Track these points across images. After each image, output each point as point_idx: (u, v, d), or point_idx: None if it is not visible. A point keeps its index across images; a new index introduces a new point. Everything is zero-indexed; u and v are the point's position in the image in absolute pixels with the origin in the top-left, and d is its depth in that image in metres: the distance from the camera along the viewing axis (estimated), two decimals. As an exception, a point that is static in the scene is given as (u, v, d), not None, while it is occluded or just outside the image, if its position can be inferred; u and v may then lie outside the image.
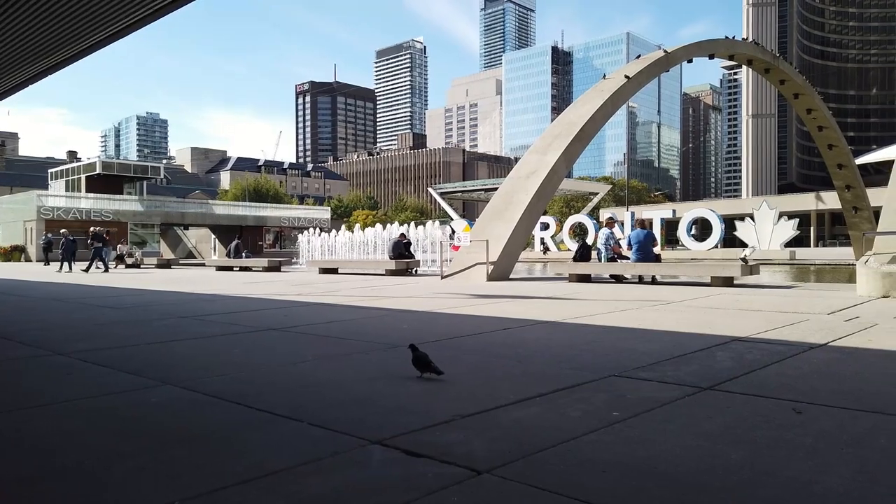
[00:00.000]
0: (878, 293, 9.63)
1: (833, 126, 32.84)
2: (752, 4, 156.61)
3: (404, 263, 19.03)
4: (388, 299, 10.75)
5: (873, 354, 5.05)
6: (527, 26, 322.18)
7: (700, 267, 14.95)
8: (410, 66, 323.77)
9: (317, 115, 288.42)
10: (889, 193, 11.75)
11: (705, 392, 3.84)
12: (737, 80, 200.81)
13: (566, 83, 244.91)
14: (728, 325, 6.87)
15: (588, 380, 4.21)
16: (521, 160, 18.80)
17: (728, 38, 25.86)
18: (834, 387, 3.94)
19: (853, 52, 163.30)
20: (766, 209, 48.34)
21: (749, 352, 5.19)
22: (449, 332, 6.54)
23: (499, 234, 16.10)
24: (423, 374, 4.32)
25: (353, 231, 29.99)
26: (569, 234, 51.59)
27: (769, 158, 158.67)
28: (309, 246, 31.06)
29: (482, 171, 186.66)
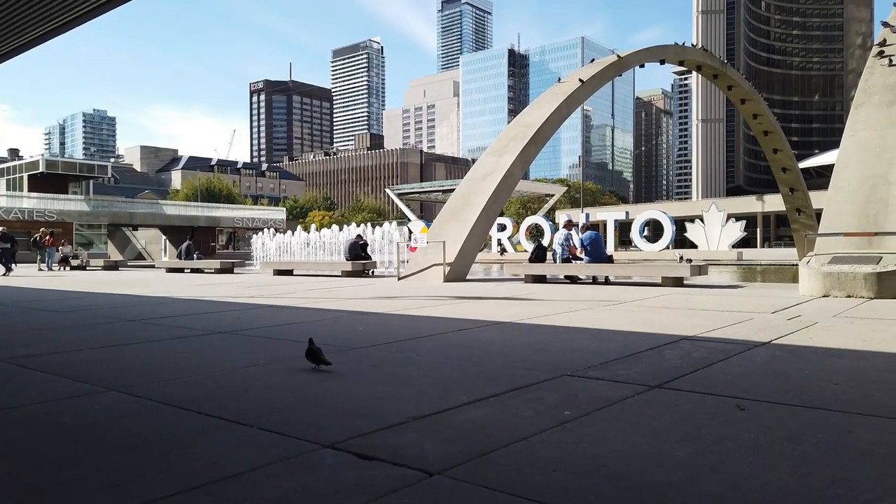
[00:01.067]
0: (819, 292, 10.01)
1: (778, 131, 34.01)
2: (701, 12, 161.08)
3: (361, 265, 18.92)
4: (343, 301, 10.67)
5: (813, 352, 5.25)
6: (484, 29, 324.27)
7: (651, 268, 15.30)
8: (367, 67, 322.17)
9: (272, 114, 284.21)
10: (829, 196, 12.24)
11: (654, 390, 3.93)
12: (687, 85, 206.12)
13: (523, 85, 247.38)
14: (677, 324, 7.04)
15: (541, 379, 4.25)
16: (477, 162, 18.91)
17: (678, 45, 26.52)
18: (776, 384, 4.08)
19: (797, 60, 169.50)
20: (715, 211, 49.76)
21: (696, 350, 5.33)
22: (404, 334, 6.53)
23: (455, 236, 16.15)
24: (317, 365, 4.60)
25: (308, 232, 29.66)
26: (525, 235, 52.09)
27: (718, 162, 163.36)
28: (263, 247, 30.59)
29: (440, 172, 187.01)
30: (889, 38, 15.34)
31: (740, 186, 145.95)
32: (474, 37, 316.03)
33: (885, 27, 16.13)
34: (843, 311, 7.89)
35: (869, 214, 11.24)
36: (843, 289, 9.75)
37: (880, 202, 11.25)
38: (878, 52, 14.81)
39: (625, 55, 22.00)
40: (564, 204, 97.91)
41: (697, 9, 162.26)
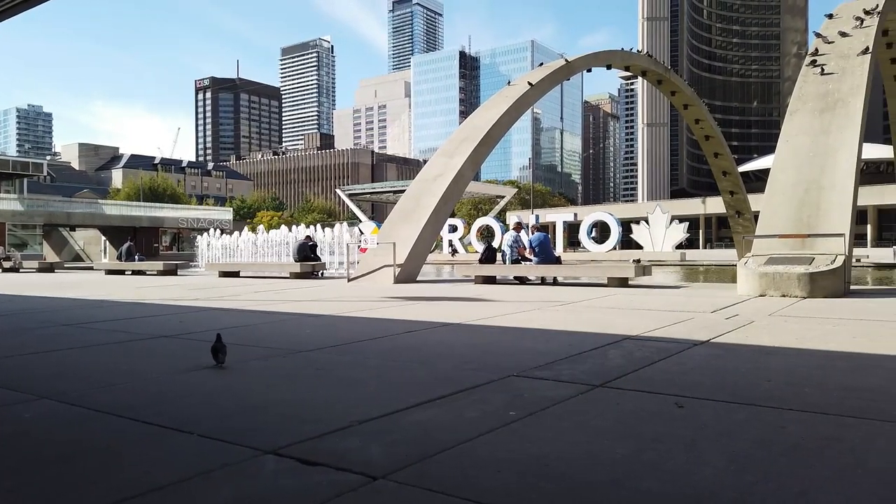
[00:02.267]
0: (756, 292, 10.39)
1: (718, 136, 35.16)
2: (646, 19, 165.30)
3: (309, 266, 18.67)
4: (291, 303, 10.51)
5: (749, 350, 5.44)
6: (435, 30, 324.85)
7: (598, 268, 15.60)
8: (317, 65, 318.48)
9: (218, 112, 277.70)
10: (765, 200, 12.72)
11: (597, 389, 4.00)
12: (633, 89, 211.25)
13: (474, 87, 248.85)
14: (621, 323, 7.19)
15: (488, 380, 4.28)
16: (428, 163, 18.92)
17: (624, 50, 27.14)
18: (713, 381, 4.21)
19: (737, 67, 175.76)
20: (660, 213, 51.09)
21: (639, 349, 5.46)
22: (353, 336, 6.47)
23: (406, 237, 16.11)
24: (217, 364, 4.79)
25: (256, 233, 29.11)
26: (476, 236, 52.43)
27: (662, 165, 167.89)
28: (209, 248, 29.86)
29: (391, 173, 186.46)
30: (821, 48, 16.06)
31: (684, 189, 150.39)
32: (426, 38, 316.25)
33: (817, 37, 16.89)
34: (778, 311, 8.21)
35: (802, 217, 11.72)
36: (778, 289, 10.15)
37: (813, 205, 11.76)
38: (811, 61, 15.48)
39: (573, 59, 22.37)
40: (515, 205, 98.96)
41: (643, 15, 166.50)
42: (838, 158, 12.36)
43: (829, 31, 16.72)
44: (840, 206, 11.48)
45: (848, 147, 12.55)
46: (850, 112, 13.32)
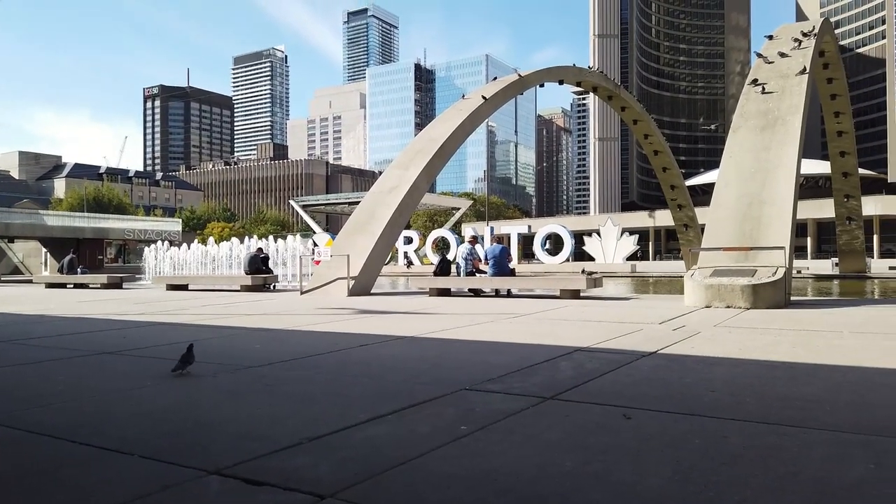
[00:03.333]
0: (702, 303, 10.69)
1: (666, 151, 36.18)
2: (597, 36, 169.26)
3: (261, 279, 18.35)
4: (241, 317, 10.31)
5: (694, 360, 5.58)
6: (390, 42, 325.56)
7: (551, 280, 15.81)
8: (271, 75, 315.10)
9: (167, 121, 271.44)
10: (710, 213, 13.13)
11: (548, 402, 4.04)
12: (585, 104, 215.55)
13: (429, 100, 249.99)
14: (573, 335, 7.30)
15: (440, 394, 4.28)
16: (383, 175, 18.89)
17: (576, 67, 27.71)
18: (660, 392, 4.31)
19: (684, 84, 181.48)
20: (611, 226, 52.15)
21: (589, 361, 5.54)
22: (304, 351, 6.38)
23: (360, 249, 16.01)
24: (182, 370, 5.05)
25: (206, 244, 28.49)
26: (432, 248, 52.46)
27: (613, 178, 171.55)
28: (157, 260, 29.06)
29: (346, 184, 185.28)
30: (762, 68, 16.74)
31: (634, 202, 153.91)
32: (381, 49, 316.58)
33: (759, 57, 17.60)
34: (723, 321, 8.46)
35: (745, 230, 12.14)
36: (723, 300, 10.47)
37: (755, 219, 12.19)
38: (752, 80, 16.11)
39: (526, 75, 22.72)
40: (470, 217, 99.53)
41: (594, 32, 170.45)
42: (778, 174, 12.87)
43: (769, 51, 17.45)
44: (780, 220, 11.93)
45: (787, 163, 13.07)
46: (790, 129, 13.90)
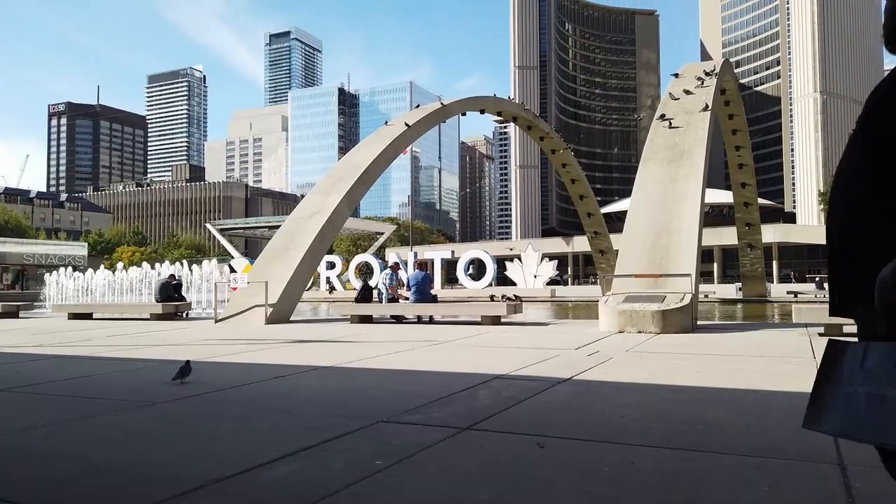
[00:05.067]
0: (615, 328, 11.06)
1: (583, 179, 37.52)
2: (517, 67, 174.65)
3: (173, 306, 17.59)
4: (150, 348, 9.82)
5: (607, 386, 5.75)
6: (314, 65, 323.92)
7: (472, 307, 15.95)
8: (188, 95, 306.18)
9: (74, 139, 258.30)
10: (623, 241, 13.68)
11: (465, 432, 4.05)
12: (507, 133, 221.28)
13: (353, 124, 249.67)
14: (492, 363, 7.37)
15: (357, 427, 4.20)
16: (304, 199, 18.63)
17: (496, 97, 28.45)
18: (573, 420, 4.41)
19: (599, 116, 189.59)
20: (532, 251, 53.32)
21: (507, 389, 5.61)
22: (215, 384, 6.14)
23: (280, 275, 15.66)
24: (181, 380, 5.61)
25: (114, 270, 27.10)
26: (355, 273, 51.94)
27: (534, 205, 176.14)
28: (59, 287, 27.36)
29: (266, 208, 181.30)
30: (669, 104, 17.72)
31: (554, 228, 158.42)
32: (304, 73, 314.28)
33: (666, 94, 18.63)
34: (635, 347, 8.78)
35: (655, 258, 12.70)
36: (635, 325, 10.87)
37: (664, 247, 12.79)
38: (660, 115, 17.02)
39: (448, 103, 23.11)
40: (394, 242, 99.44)
41: (514, 63, 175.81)
42: (685, 205, 13.58)
43: (675, 88, 18.53)
44: (687, 249, 12.57)
45: (693, 194, 13.83)
46: (695, 162, 14.74)
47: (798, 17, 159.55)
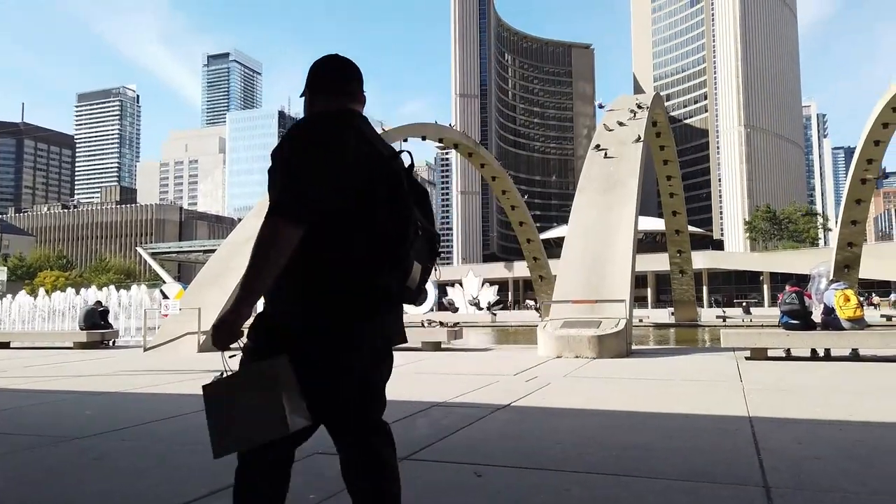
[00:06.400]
0: (553, 354, 11.20)
1: (523, 206, 38.19)
2: (459, 95, 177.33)
3: (98, 334, 16.78)
4: (71, 379, 9.31)
5: (544, 412, 5.80)
6: (253, 87, 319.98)
7: (412, 332, 15.85)
8: (120, 115, 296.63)
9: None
10: (561, 267, 13.95)
11: (402, 462, 3.97)
12: (448, 158, 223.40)
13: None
14: (431, 390, 7.32)
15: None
16: (240, 224, 18.24)
17: (438, 124, 28.78)
18: (510, 447, 4.41)
19: (538, 144, 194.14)
20: (473, 276, 53.75)
21: (446, 417, 5.57)
22: (141, 417, 5.86)
23: (214, 301, 15.17)
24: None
25: (36, 296, 25.71)
26: (292, 298, 51.03)
27: (475, 230, 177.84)
28: (-27, 314, 25.73)
29: (202, 231, 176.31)
30: (604, 135, 18.31)
31: (495, 254, 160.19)
32: (243, 95, 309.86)
33: (601, 125, 19.25)
34: (572, 371, 8.90)
35: (592, 284, 12.99)
36: (572, 350, 11.04)
37: (599, 274, 13.10)
38: (595, 145, 17.56)
39: (389, 130, 23.22)
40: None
41: (455, 91, 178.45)
42: (619, 232, 13.99)
43: (609, 120, 19.18)
44: (622, 275, 12.91)
45: (627, 222, 14.27)
46: (628, 191, 15.24)
47: (723, 54, 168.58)
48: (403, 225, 1.96)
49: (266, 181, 2.09)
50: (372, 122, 2.26)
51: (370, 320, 1.97)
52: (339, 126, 2.01)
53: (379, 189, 1.95)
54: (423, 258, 2.04)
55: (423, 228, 2.02)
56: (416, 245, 1.98)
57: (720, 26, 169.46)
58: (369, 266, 1.92)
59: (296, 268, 1.90)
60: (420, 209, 2.09)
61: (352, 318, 1.94)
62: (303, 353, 1.93)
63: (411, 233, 1.97)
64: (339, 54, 2.23)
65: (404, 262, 1.96)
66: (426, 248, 2.06)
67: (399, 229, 1.95)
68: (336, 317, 1.92)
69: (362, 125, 2.10)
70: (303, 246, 1.89)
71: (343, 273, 1.92)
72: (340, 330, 1.94)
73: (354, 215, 1.92)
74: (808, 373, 8.50)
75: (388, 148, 2.13)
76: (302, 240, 1.88)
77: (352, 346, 1.96)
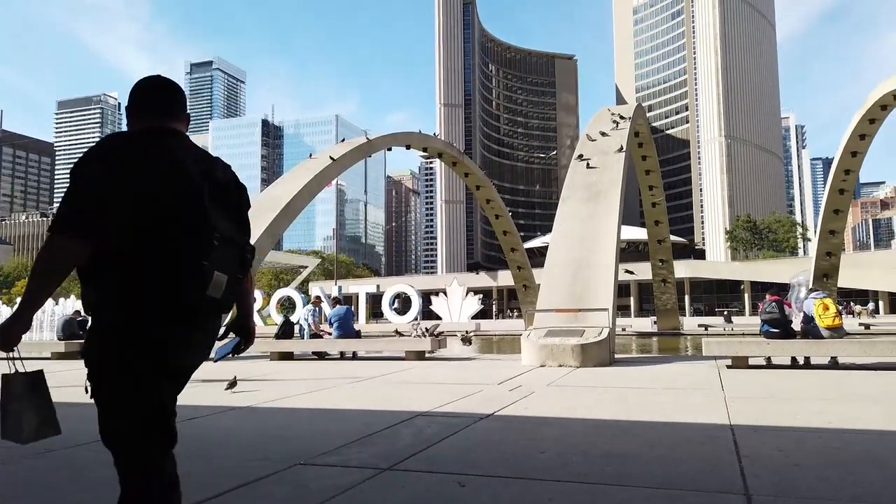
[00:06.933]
0: (537, 363, 11.22)
1: (507, 215, 38.29)
2: (443, 104, 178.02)
3: (77, 345, 16.54)
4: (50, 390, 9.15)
5: (528, 421, 5.81)
6: (236, 96, 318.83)
7: (396, 342, 15.81)
8: (101, 122, 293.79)
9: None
10: (544, 276, 13.99)
11: (385, 473, 3.97)
12: (433, 168, 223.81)
13: (276, 156, 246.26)
14: (415, 399, 7.30)
15: (273, 471, 4.05)
16: (223, 233, 18.12)
17: (422, 133, 28.82)
18: (494, 456, 4.41)
19: (522, 154, 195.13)
20: (457, 285, 53.74)
21: (429, 426, 5.56)
22: (122, 428, 5.77)
23: (195, 311, 15.05)
24: None
25: (13, 306, 25.29)
26: (276, 308, 50.68)
27: (459, 239, 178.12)
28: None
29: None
30: (587, 145, 18.45)
31: (479, 262, 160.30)
32: (226, 103, 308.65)
33: (584, 135, 19.40)
34: (556, 380, 8.93)
35: (575, 293, 13.05)
36: (556, 359, 11.07)
37: (583, 282, 13.17)
38: (578, 155, 17.69)
39: (374, 139, 23.21)
40: (319, 275, 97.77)
41: (439, 101, 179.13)
42: (602, 241, 14.08)
43: (592, 130, 19.34)
44: (605, 284, 12.99)
45: (610, 231, 14.37)
46: (611, 201, 15.35)
47: (703, 66, 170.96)
48: (197, 237, 2.04)
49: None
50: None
51: (166, 329, 2.06)
52: (138, 144, 2.11)
53: (173, 204, 2.04)
54: (230, 269, 2.12)
55: (222, 240, 2.10)
56: (216, 256, 2.06)
57: (701, 39, 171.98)
58: (163, 277, 2.01)
59: (94, 278, 2.03)
60: (233, 222, 2.20)
61: (147, 327, 2.04)
62: (98, 360, 2.09)
63: (206, 245, 2.04)
64: (161, 75, 2.34)
65: (201, 272, 2.03)
66: (234, 259, 2.16)
67: (194, 242, 2.03)
68: (131, 326, 2.03)
69: (172, 142, 2.18)
70: (100, 258, 2.00)
71: (138, 285, 2.00)
72: (135, 338, 2.04)
73: (148, 230, 2.01)
74: (788, 381, 8.60)
75: (203, 163, 2.20)
76: (99, 252, 2.00)
77: (147, 354, 2.06)
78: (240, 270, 2.19)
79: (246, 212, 2.29)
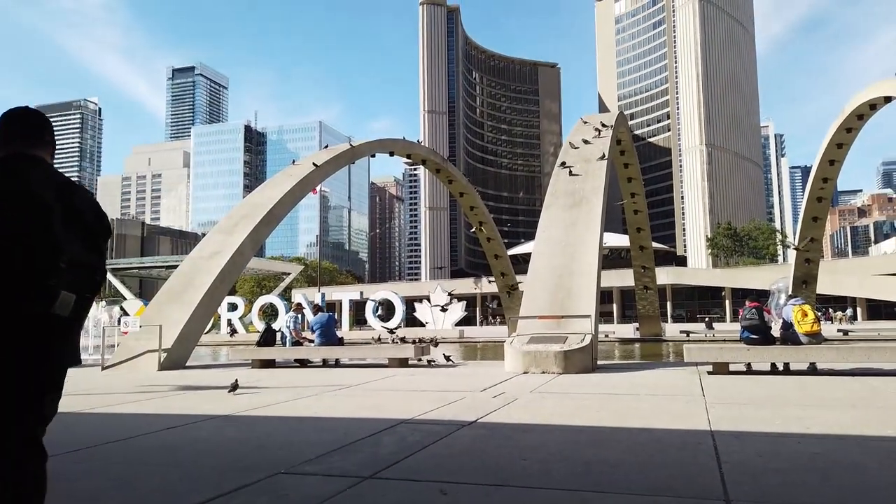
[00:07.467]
0: (520, 369, 11.22)
1: (490, 222, 38.38)
2: (427, 111, 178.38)
3: None
4: (25, 399, 8.98)
5: (510, 429, 5.79)
6: (219, 102, 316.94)
7: (379, 349, 15.75)
8: (81, 128, 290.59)
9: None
10: (527, 283, 14.02)
11: (367, 481, 3.94)
12: (417, 174, 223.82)
13: (259, 162, 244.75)
14: (398, 407, 7.26)
15: (253, 480, 4.00)
16: (204, 239, 17.95)
17: (406, 140, 28.81)
18: (476, 464, 4.39)
19: (505, 161, 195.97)
20: (441, 292, 53.69)
21: (412, 434, 5.53)
22: (96, 438, 5.69)
23: (175, 319, 14.88)
24: None
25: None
26: (258, 315, 50.30)
27: (443, 246, 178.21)
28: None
29: (164, 247, 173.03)
30: (569, 152, 18.55)
31: (462, 269, 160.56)
32: (208, 109, 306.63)
33: (567, 143, 19.51)
34: (538, 387, 8.93)
35: (558, 299, 13.08)
36: (539, 366, 11.08)
37: (566, 289, 13.21)
38: (561, 163, 17.77)
39: (357, 145, 23.16)
40: (302, 282, 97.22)
41: (423, 108, 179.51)
42: (585, 248, 14.14)
43: (575, 138, 19.45)
44: (587, 291, 13.03)
45: (592, 238, 14.44)
46: (593, 208, 15.44)
47: (684, 75, 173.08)
48: (43, 258, 2.16)
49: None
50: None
51: None
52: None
53: (18, 226, 2.16)
54: (78, 289, 2.24)
55: (72, 263, 2.22)
56: (64, 277, 2.18)
57: (682, 48, 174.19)
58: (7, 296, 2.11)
59: None
60: (86, 246, 2.31)
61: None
62: None
63: (52, 266, 2.16)
64: (27, 107, 2.54)
65: (47, 292, 2.15)
66: (84, 280, 2.27)
67: (39, 263, 2.15)
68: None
69: (26, 168, 2.33)
70: None
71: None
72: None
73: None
74: (768, 387, 8.68)
75: (60, 189, 2.33)
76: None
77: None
78: (88, 290, 2.30)
79: (103, 238, 2.41)
